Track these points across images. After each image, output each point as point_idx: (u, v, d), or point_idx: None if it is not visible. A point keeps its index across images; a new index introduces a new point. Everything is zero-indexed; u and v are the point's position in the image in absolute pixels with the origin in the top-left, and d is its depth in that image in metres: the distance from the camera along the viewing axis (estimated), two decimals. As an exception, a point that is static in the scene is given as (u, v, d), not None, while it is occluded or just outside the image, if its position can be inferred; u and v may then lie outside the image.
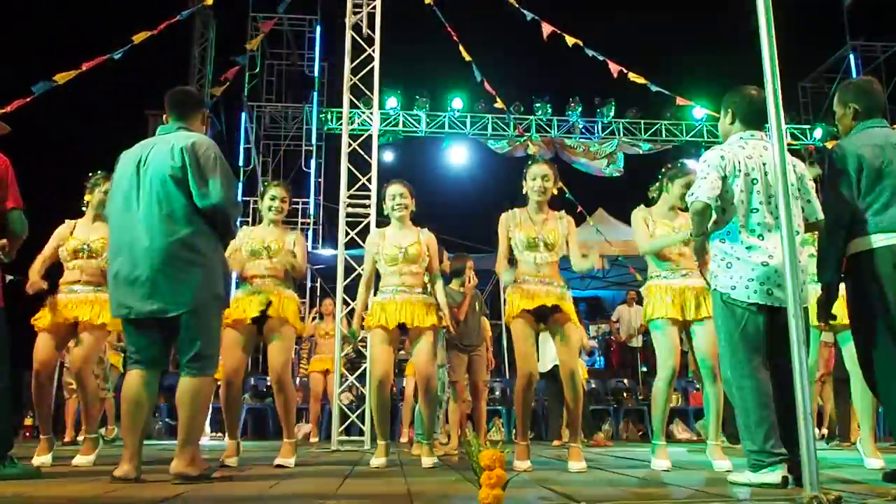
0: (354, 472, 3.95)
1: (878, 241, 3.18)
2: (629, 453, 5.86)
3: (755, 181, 3.23)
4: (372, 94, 7.62)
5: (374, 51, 7.63)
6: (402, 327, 4.57)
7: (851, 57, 14.81)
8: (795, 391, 2.45)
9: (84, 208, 4.90)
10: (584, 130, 14.53)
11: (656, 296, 4.22)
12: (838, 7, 14.71)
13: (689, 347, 4.38)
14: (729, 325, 3.23)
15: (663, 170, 4.48)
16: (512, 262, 4.33)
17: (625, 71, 7.67)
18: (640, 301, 8.60)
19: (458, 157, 14.30)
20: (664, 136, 14.48)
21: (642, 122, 14.51)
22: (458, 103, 13.78)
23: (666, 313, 4.13)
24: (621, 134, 14.47)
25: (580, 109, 14.31)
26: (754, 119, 3.37)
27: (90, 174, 4.88)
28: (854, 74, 14.58)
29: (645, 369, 11.27)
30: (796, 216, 3.17)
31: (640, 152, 14.35)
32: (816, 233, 3.47)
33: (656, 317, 4.17)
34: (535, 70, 15.19)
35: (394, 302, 4.53)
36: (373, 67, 7.61)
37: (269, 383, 9.43)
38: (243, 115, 13.61)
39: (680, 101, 8.61)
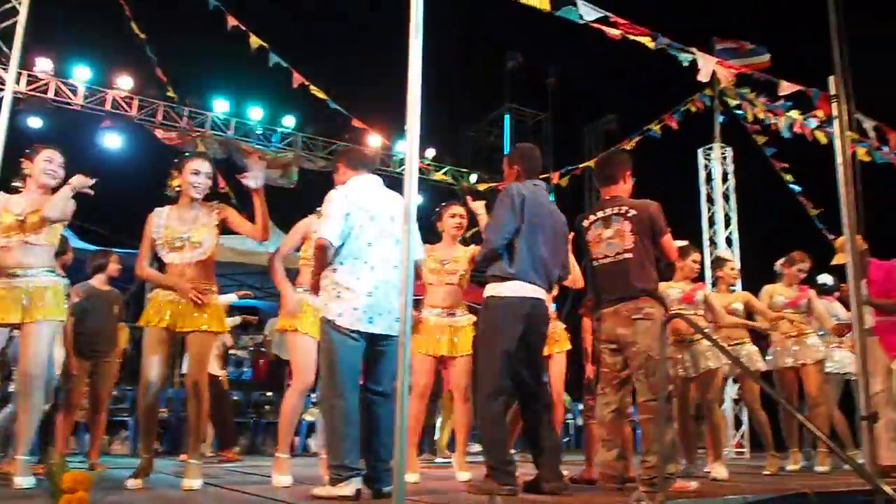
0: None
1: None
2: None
3: (373, 218, 3.64)
4: (11, 50, 6.48)
5: (20, 3, 6.54)
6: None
7: (507, 117, 16.75)
8: (395, 411, 2.51)
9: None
10: (262, 137, 14.25)
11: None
12: (503, 71, 16.59)
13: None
14: (332, 349, 3.51)
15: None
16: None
17: (306, 83, 7.63)
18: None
19: (118, 140, 12.83)
20: (340, 156, 14.73)
21: (320, 139, 14.66)
22: (125, 83, 12.49)
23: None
24: (299, 147, 14.45)
25: (261, 115, 14.03)
26: (361, 165, 3.87)
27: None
28: (507, 132, 16.52)
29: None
30: (387, 247, 3.64)
31: (316, 168, 14.45)
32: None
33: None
34: (220, 69, 14.57)
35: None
36: (16, 21, 6.48)
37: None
38: None
39: (356, 122, 8.89)
